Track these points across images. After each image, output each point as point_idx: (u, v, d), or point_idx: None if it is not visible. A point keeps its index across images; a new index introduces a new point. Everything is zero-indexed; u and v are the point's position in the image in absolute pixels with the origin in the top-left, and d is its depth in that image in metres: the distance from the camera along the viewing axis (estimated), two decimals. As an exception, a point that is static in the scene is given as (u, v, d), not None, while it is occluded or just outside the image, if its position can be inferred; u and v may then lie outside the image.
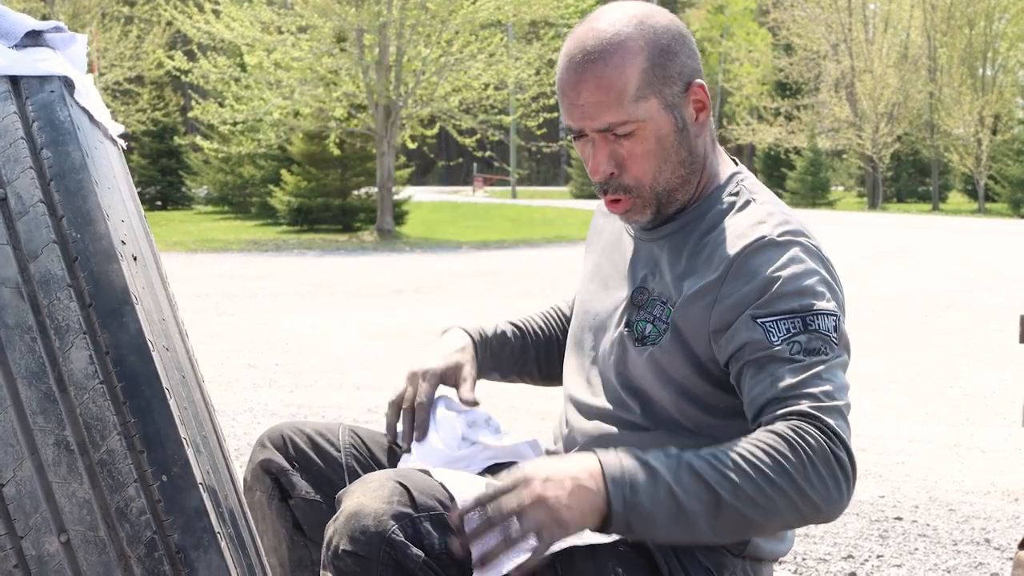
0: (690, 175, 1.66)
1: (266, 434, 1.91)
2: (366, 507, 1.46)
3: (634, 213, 1.68)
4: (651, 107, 1.60)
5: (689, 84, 1.63)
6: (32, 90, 1.47)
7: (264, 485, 1.87)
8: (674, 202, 1.67)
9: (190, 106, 23.22)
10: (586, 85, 1.59)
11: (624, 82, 1.58)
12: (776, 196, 1.72)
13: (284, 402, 5.88)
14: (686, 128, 1.63)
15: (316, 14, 19.87)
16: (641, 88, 1.59)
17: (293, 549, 1.88)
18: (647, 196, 1.65)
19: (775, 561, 1.74)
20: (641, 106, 1.59)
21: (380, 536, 1.43)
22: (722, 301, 1.56)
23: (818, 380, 1.48)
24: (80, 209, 1.41)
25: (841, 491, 1.43)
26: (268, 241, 20.23)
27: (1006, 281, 12.40)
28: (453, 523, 1.43)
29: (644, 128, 1.60)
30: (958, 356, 7.81)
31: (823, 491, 1.42)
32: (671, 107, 1.61)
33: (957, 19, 38.59)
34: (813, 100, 41.85)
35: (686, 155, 1.64)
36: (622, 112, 1.59)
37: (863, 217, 29.97)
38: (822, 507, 1.43)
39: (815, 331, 1.51)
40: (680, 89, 1.62)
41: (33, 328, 1.36)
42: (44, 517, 1.35)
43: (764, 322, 1.52)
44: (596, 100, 1.59)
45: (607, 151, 1.62)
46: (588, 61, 1.59)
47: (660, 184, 1.64)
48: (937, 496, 4.24)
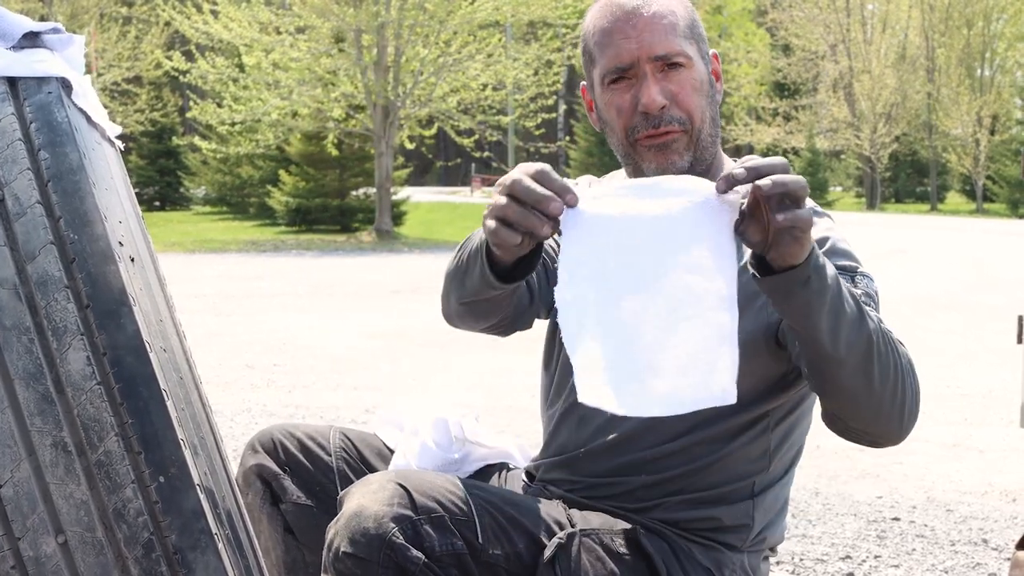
0: (715, 136, 1.70)
1: (256, 438, 1.90)
2: (366, 509, 1.45)
3: (676, 153, 1.65)
4: (694, 51, 1.67)
5: (710, 49, 1.72)
6: (30, 91, 1.47)
7: (255, 489, 1.87)
8: (705, 159, 1.68)
9: (188, 107, 23.22)
10: (641, 17, 1.64)
11: (676, 18, 1.66)
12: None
13: (282, 403, 5.88)
14: (713, 85, 1.70)
15: (314, 14, 19.87)
16: (687, 31, 1.67)
17: (287, 552, 1.88)
18: (693, 133, 1.66)
19: (774, 551, 1.74)
20: (689, 46, 1.66)
21: (380, 538, 1.43)
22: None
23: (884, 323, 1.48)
24: (78, 210, 1.41)
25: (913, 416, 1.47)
26: (266, 242, 20.23)
27: (1004, 282, 12.41)
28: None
29: (691, 65, 1.66)
30: (956, 356, 7.82)
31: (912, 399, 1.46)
32: (704, 60, 1.69)
33: (955, 19, 38.62)
34: (811, 100, 41.86)
35: (715, 112, 1.69)
36: (676, 42, 1.64)
37: (861, 217, 29.99)
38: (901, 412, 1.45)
39: (863, 289, 1.55)
40: (707, 49, 1.71)
41: (31, 329, 1.36)
42: (42, 518, 1.35)
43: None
44: (652, 30, 1.64)
45: (660, 84, 1.65)
46: (642, 2, 1.65)
47: (704, 129, 1.67)
48: (935, 496, 4.25)
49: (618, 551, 1.57)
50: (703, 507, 1.64)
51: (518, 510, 1.56)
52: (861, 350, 1.40)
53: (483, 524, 1.50)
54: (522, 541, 1.53)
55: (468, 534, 1.49)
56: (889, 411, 1.45)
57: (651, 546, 1.59)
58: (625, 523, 1.62)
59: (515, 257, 1.48)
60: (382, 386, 6.41)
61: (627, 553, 1.58)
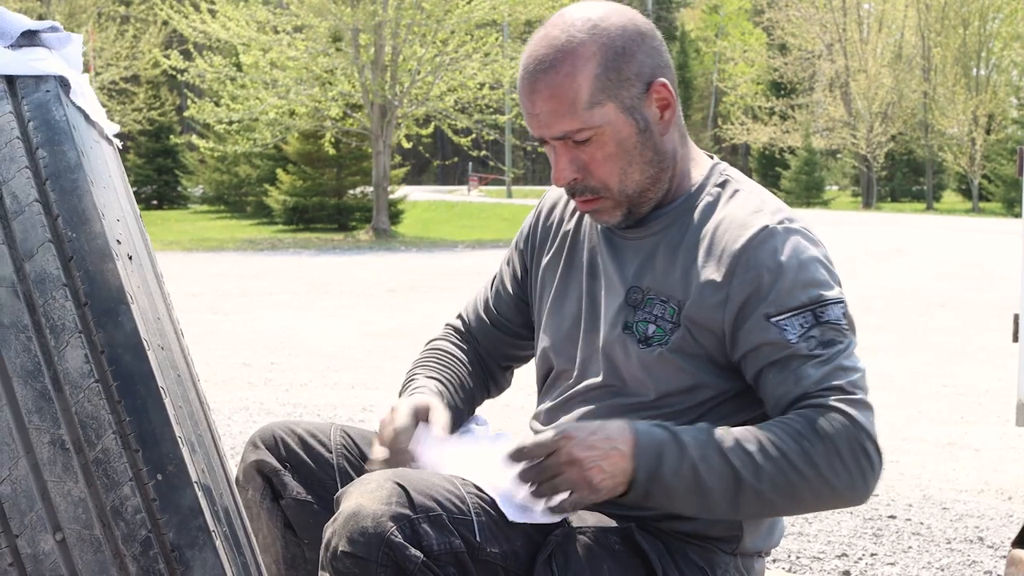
0: (660, 173, 1.65)
1: (257, 434, 1.90)
2: (364, 508, 1.45)
3: (604, 214, 1.67)
4: (607, 112, 1.58)
5: (650, 84, 1.61)
6: (28, 90, 1.47)
7: (256, 485, 1.87)
8: (647, 201, 1.66)
9: (186, 105, 23.18)
10: (539, 95, 1.59)
11: (576, 90, 1.57)
12: (757, 184, 1.73)
13: (279, 401, 5.88)
14: (649, 128, 1.62)
15: (312, 14, 19.86)
16: (595, 94, 1.57)
17: (286, 548, 1.88)
18: (616, 198, 1.64)
19: (767, 554, 1.74)
20: (596, 112, 1.58)
21: (379, 537, 1.43)
22: (733, 299, 1.57)
23: (840, 372, 1.53)
24: (75, 208, 1.41)
25: (866, 479, 1.50)
26: (264, 240, 20.22)
27: (1000, 280, 12.42)
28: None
29: (602, 133, 1.59)
30: (952, 355, 7.83)
31: (846, 479, 1.50)
32: (630, 109, 1.60)
33: (951, 19, 38.63)
34: (808, 100, 41.87)
35: (652, 155, 1.63)
36: (576, 120, 1.58)
37: (857, 216, 30.00)
38: (844, 494, 1.51)
39: (827, 323, 1.55)
40: (640, 90, 1.60)
41: (28, 327, 1.37)
42: (39, 516, 1.36)
43: (778, 321, 1.55)
44: (550, 109, 1.58)
45: (568, 157, 1.62)
46: (540, 70, 1.58)
47: (629, 186, 1.63)
48: (931, 495, 4.25)
49: (614, 548, 1.58)
50: (687, 522, 1.62)
51: None
52: (752, 499, 1.50)
53: (481, 523, 1.50)
54: (519, 539, 1.53)
55: (466, 533, 1.49)
56: (821, 500, 1.53)
57: (646, 544, 1.59)
58: (620, 521, 1.62)
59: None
60: (379, 384, 6.41)
61: (623, 550, 1.58)
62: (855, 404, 1.51)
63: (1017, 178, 4.11)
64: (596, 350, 1.69)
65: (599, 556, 1.56)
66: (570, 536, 1.55)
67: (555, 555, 1.53)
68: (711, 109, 50.84)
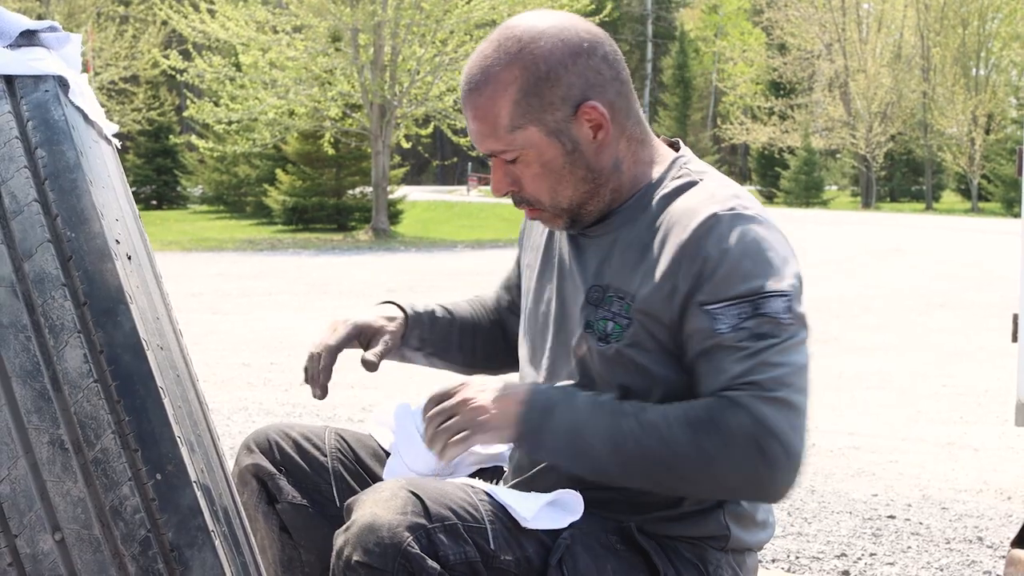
0: (597, 188, 1.63)
1: (251, 437, 1.90)
2: (380, 518, 1.44)
3: (548, 223, 1.69)
4: (530, 135, 1.58)
5: (578, 106, 1.58)
6: (27, 89, 1.47)
7: (251, 489, 1.87)
8: (588, 212, 1.65)
9: (185, 105, 23.18)
10: (469, 113, 1.62)
11: (496, 113, 1.58)
12: (723, 175, 1.69)
13: (279, 401, 5.88)
14: (578, 149, 1.60)
15: (311, 14, 19.86)
16: (515, 118, 1.58)
17: (283, 551, 1.88)
18: (550, 208, 1.65)
19: (758, 549, 1.74)
20: (518, 135, 1.59)
21: (395, 548, 1.42)
22: (680, 289, 1.55)
23: (765, 367, 1.49)
24: (74, 208, 1.41)
25: (760, 479, 1.47)
26: (263, 240, 20.22)
27: (999, 280, 12.42)
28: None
29: (527, 155, 1.60)
30: (951, 355, 7.83)
31: (738, 476, 1.47)
32: (555, 132, 1.59)
33: (950, 19, 38.63)
34: (807, 100, 41.87)
35: (584, 172, 1.61)
36: (499, 141, 1.60)
37: (857, 216, 30.00)
38: (739, 488, 1.50)
39: (765, 315, 1.50)
40: (566, 113, 1.58)
41: (27, 327, 1.37)
42: (38, 515, 1.36)
43: (712, 309, 1.52)
44: (477, 128, 1.61)
45: (502, 171, 1.64)
46: (468, 90, 1.61)
47: (562, 202, 1.63)
48: (930, 494, 4.26)
49: (616, 548, 1.59)
50: (673, 524, 1.62)
51: None
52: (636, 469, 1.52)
53: (495, 530, 1.51)
54: (531, 546, 1.54)
55: (480, 541, 1.49)
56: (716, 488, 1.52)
57: (645, 543, 1.60)
58: (620, 521, 1.62)
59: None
60: (379, 385, 6.41)
61: (624, 550, 1.59)
62: (769, 402, 1.46)
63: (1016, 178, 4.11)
64: (568, 350, 1.68)
65: (603, 557, 1.57)
66: (576, 538, 1.56)
67: (564, 559, 1.53)
68: (710, 109, 50.84)
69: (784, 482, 1.48)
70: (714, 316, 1.51)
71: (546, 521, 1.55)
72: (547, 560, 1.53)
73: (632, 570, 1.58)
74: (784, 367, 1.49)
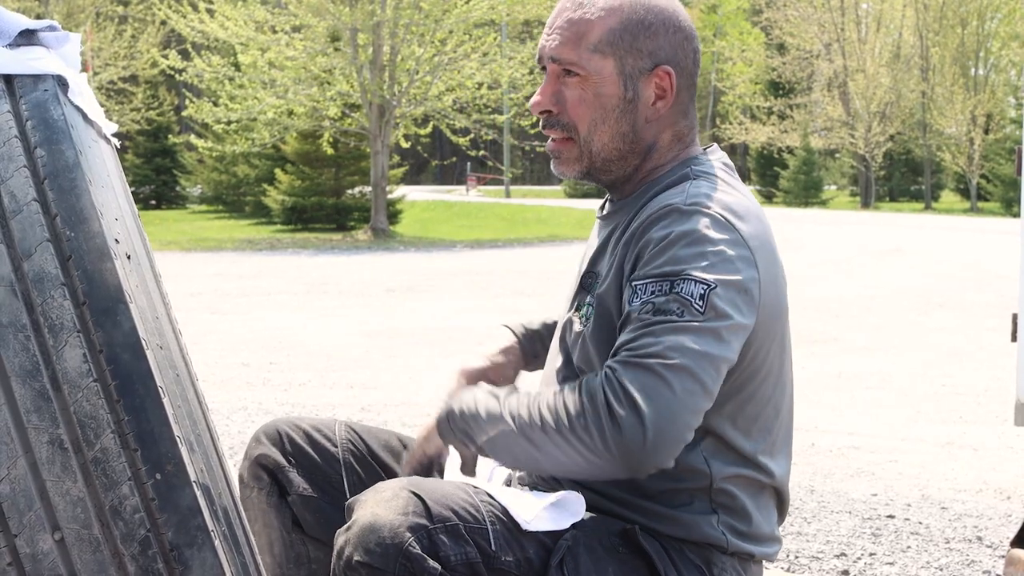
0: (628, 153, 1.67)
1: (262, 429, 1.90)
2: (381, 518, 1.44)
3: (566, 163, 1.70)
4: (605, 65, 1.64)
5: (658, 66, 1.65)
6: (26, 89, 1.47)
7: (261, 482, 1.87)
8: (608, 172, 1.69)
9: (184, 105, 23.17)
10: (560, 17, 1.67)
11: (589, 28, 1.64)
12: (734, 181, 1.68)
13: (278, 400, 5.88)
14: (636, 103, 1.66)
15: (310, 13, 19.85)
16: (601, 44, 1.64)
17: (290, 546, 1.88)
18: (580, 145, 1.67)
19: (763, 560, 1.73)
20: (595, 59, 1.64)
21: (397, 548, 1.43)
22: (625, 274, 1.58)
23: (649, 338, 1.47)
24: (74, 208, 1.41)
25: (608, 445, 1.43)
26: (262, 240, 20.21)
27: (998, 280, 12.43)
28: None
29: (588, 79, 1.65)
30: (950, 355, 7.83)
31: (588, 441, 1.44)
32: (626, 76, 1.65)
33: (949, 18, 38.63)
34: (806, 99, 41.87)
35: (627, 129, 1.66)
36: (575, 53, 1.64)
37: (856, 216, 30.01)
38: (594, 452, 1.45)
39: (677, 294, 1.49)
40: (645, 66, 1.65)
41: (27, 326, 1.37)
42: (38, 515, 1.36)
43: (636, 284, 1.53)
44: (561, 33, 1.66)
45: (553, 87, 1.67)
46: (574, 2, 1.67)
47: (594, 141, 1.66)
48: (929, 494, 4.26)
49: (618, 550, 1.58)
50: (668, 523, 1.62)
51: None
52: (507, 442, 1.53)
53: (496, 531, 1.51)
54: (532, 547, 1.54)
55: (481, 542, 1.49)
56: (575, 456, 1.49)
57: (647, 545, 1.59)
58: (622, 523, 1.62)
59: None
60: (378, 384, 6.41)
61: (626, 552, 1.59)
62: (637, 368, 1.44)
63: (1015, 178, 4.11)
64: (560, 331, 1.74)
65: (604, 559, 1.56)
66: (577, 540, 1.55)
67: (565, 560, 1.53)
68: (709, 109, 50.85)
69: (636, 452, 1.41)
70: (635, 291, 1.53)
71: (547, 522, 1.55)
72: (548, 561, 1.53)
73: (633, 573, 1.58)
74: (670, 343, 1.46)
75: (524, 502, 1.56)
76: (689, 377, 1.45)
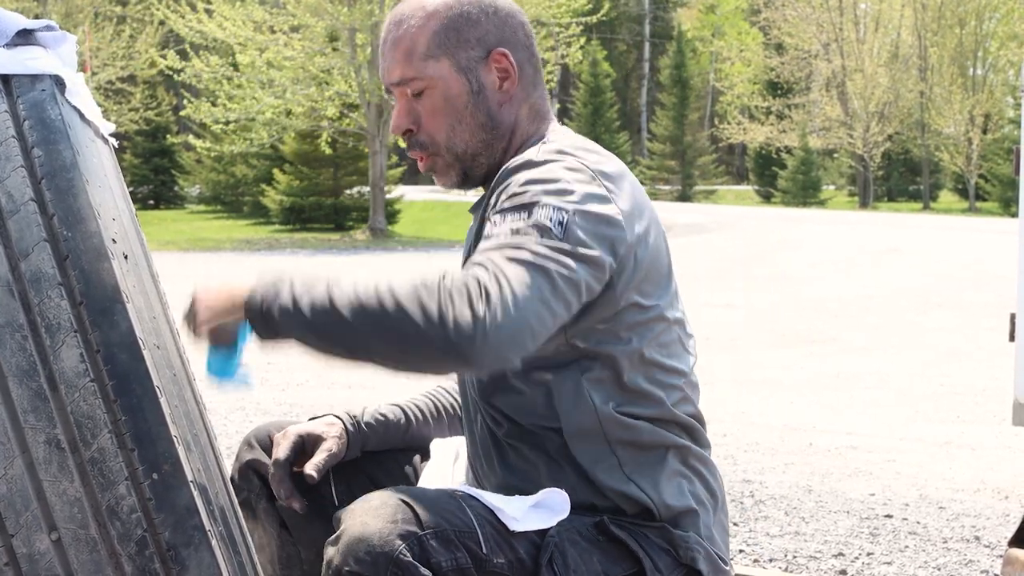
0: (493, 140, 1.69)
1: (252, 434, 1.90)
2: (370, 527, 1.43)
3: (440, 174, 1.72)
4: (441, 67, 1.67)
5: (491, 51, 1.68)
6: (23, 89, 1.47)
7: (251, 485, 1.87)
8: (479, 165, 1.70)
9: (183, 105, 23.17)
10: (387, 43, 1.70)
11: (415, 41, 1.67)
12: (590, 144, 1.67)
13: (276, 400, 5.88)
14: (483, 92, 1.68)
15: (308, 13, 19.86)
16: (431, 47, 1.67)
17: (282, 547, 1.88)
18: (446, 156, 1.69)
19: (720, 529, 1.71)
20: (430, 65, 1.67)
21: (387, 557, 1.42)
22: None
23: (501, 250, 1.46)
24: (71, 207, 1.41)
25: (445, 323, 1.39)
26: (260, 240, 20.21)
27: (996, 280, 12.43)
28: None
29: (434, 87, 1.67)
30: (949, 354, 7.83)
31: (422, 317, 1.40)
32: (464, 70, 1.67)
33: (948, 18, 38.63)
34: (804, 99, 41.87)
35: (485, 119, 1.68)
36: (411, 68, 1.67)
37: (854, 216, 30.01)
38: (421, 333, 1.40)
39: (533, 219, 1.50)
40: (478, 54, 1.68)
41: (24, 326, 1.37)
42: (35, 515, 1.36)
43: (493, 217, 1.54)
44: (392, 56, 1.69)
45: (406, 108, 1.70)
46: (394, 22, 1.70)
47: (458, 145, 1.68)
48: (927, 494, 4.26)
49: (598, 540, 1.59)
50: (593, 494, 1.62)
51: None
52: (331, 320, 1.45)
53: (485, 534, 1.50)
54: (522, 547, 1.54)
55: (472, 546, 1.48)
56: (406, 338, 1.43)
57: (620, 532, 1.60)
58: (593, 516, 1.62)
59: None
60: (376, 384, 6.41)
61: (605, 541, 1.59)
62: (480, 266, 1.44)
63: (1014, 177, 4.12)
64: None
65: (588, 550, 1.57)
66: (562, 535, 1.55)
67: (554, 557, 1.53)
68: (708, 109, 50.84)
69: (460, 340, 1.39)
70: (492, 223, 1.53)
71: (535, 521, 1.55)
72: (539, 560, 1.53)
73: (616, 560, 1.58)
74: (523, 256, 1.45)
75: (510, 503, 1.56)
76: (538, 284, 1.44)
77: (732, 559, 3.36)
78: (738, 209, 33.62)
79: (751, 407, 5.88)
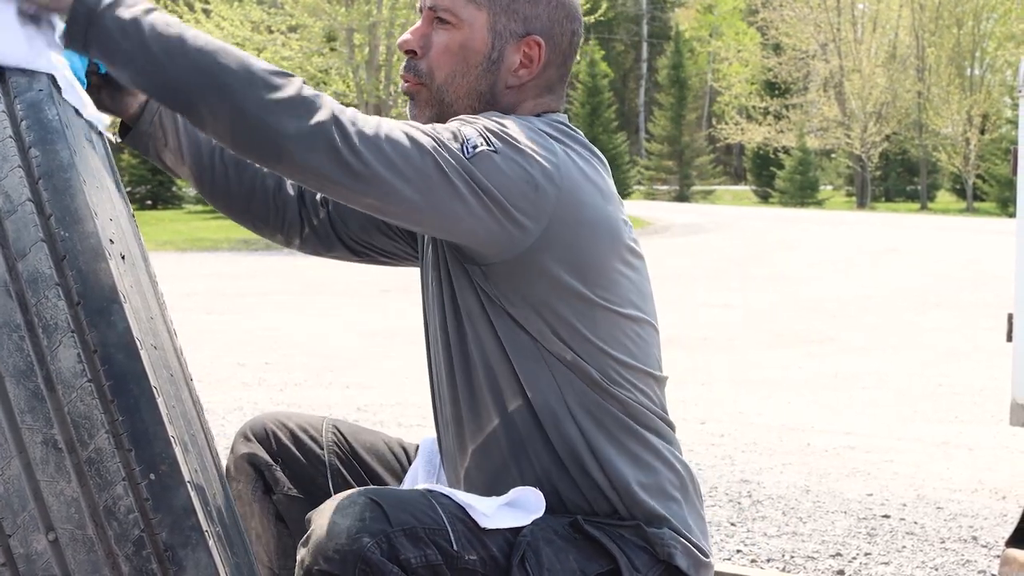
0: (480, 110, 1.66)
1: (248, 425, 1.90)
2: (338, 525, 1.43)
3: (418, 104, 1.70)
4: (477, 16, 1.64)
5: (529, 34, 1.65)
6: (20, 88, 1.47)
7: (247, 477, 1.87)
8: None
9: (179, 105, 23.15)
10: None
11: None
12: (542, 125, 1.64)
13: (274, 400, 5.88)
14: (499, 64, 1.66)
15: (306, 13, 19.87)
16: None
17: (279, 539, 1.88)
18: (433, 91, 1.67)
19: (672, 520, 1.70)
20: (469, 8, 1.64)
21: (355, 554, 1.41)
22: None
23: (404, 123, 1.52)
24: (68, 208, 1.40)
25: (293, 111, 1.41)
26: (258, 240, 20.19)
27: (994, 280, 12.44)
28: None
29: (459, 28, 1.64)
30: (947, 354, 7.84)
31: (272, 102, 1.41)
32: (495, 33, 1.65)
33: (945, 19, 38.67)
34: (802, 99, 41.91)
35: (485, 89, 1.66)
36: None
37: (852, 216, 30.03)
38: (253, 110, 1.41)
39: (453, 128, 1.53)
40: (517, 30, 1.65)
41: (21, 326, 1.36)
42: (32, 515, 1.35)
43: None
44: None
45: (423, 30, 1.67)
46: None
47: (449, 93, 1.67)
48: (925, 494, 4.26)
49: (573, 538, 1.58)
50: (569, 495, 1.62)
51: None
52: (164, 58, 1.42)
53: (456, 531, 1.50)
54: (495, 544, 1.53)
55: (443, 543, 1.48)
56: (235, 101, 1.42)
57: (595, 531, 1.59)
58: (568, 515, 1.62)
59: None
60: (374, 384, 6.41)
61: (580, 539, 1.59)
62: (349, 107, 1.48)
63: (1011, 178, 4.12)
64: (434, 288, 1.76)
65: (563, 549, 1.56)
66: (536, 534, 1.55)
67: (527, 555, 1.52)
68: (705, 109, 50.87)
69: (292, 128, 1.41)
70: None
71: (507, 519, 1.54)
72: (511, 558, 1.53)
73: (592, 559, 1.58)
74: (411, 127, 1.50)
75: (482, 501, 1.56)
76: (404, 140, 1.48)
77: (729, 559, 3.37)
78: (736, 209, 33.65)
79: (749, 407, 5.89)
